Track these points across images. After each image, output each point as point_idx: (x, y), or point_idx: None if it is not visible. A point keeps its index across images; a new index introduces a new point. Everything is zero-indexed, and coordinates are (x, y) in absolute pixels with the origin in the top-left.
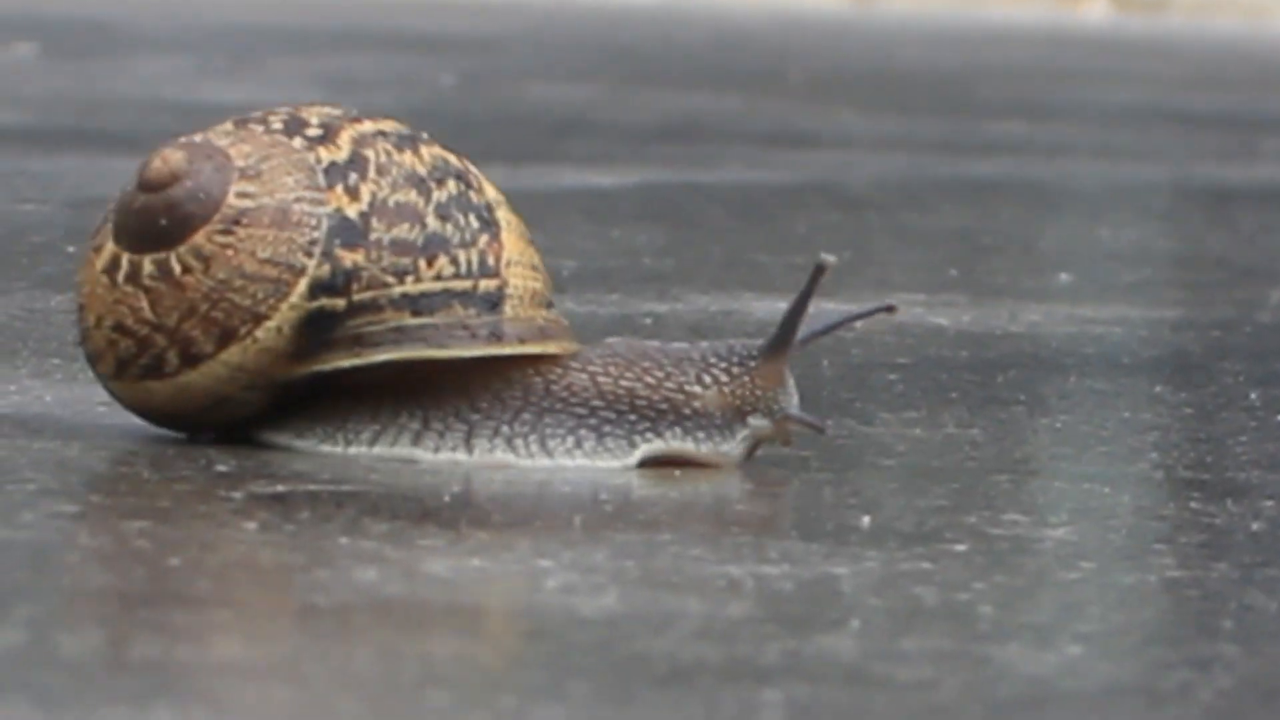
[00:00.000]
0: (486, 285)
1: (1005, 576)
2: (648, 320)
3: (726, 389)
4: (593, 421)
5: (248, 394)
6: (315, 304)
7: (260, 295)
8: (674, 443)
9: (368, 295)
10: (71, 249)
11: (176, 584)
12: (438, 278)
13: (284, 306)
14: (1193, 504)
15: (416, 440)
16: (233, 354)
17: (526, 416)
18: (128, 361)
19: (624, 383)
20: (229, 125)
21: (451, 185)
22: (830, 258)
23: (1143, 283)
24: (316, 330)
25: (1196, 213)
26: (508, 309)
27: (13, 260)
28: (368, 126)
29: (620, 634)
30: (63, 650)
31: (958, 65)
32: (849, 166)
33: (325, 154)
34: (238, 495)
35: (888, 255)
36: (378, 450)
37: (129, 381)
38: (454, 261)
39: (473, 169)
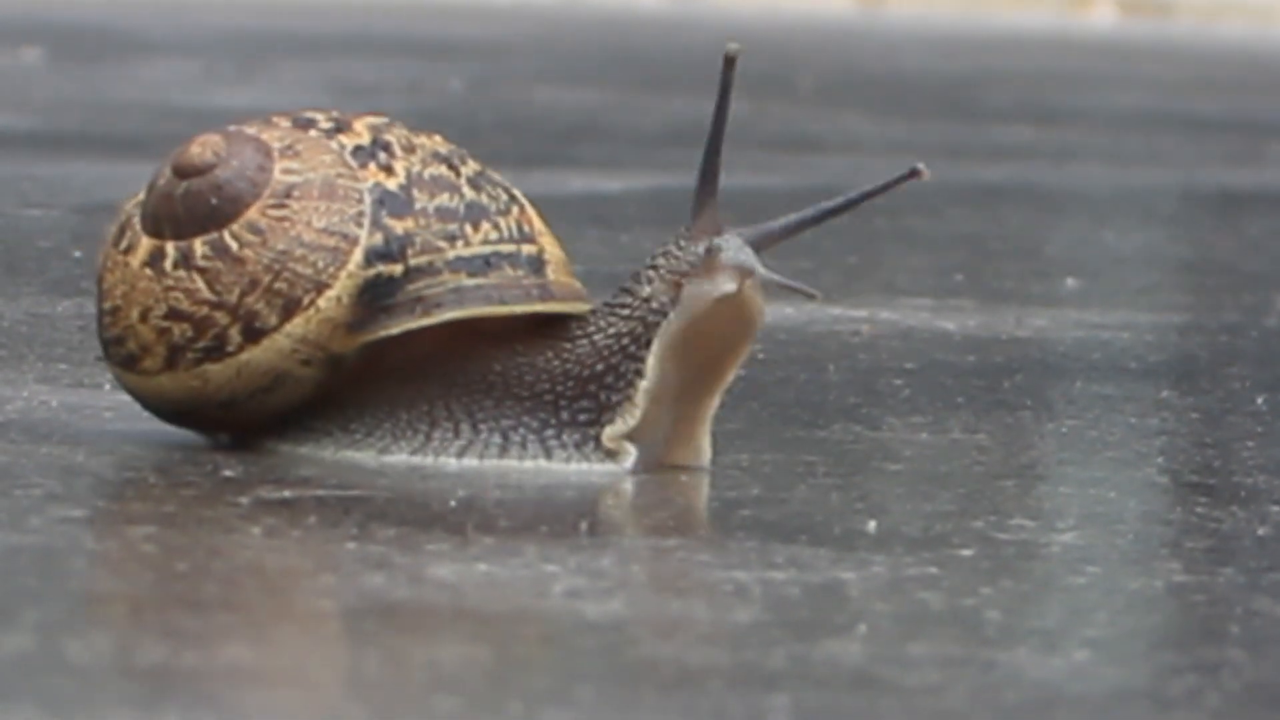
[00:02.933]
0: (528, 249)
1: (1012, 581)
2: None
3: (664, 271)
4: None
5: (304, 370)
6: (373, 271)
7: (320, 264)
8: (656, 347)
9: (424, 259)
10: (78, 254)
11: (183, 589)
12: (485, 241)
13: (343, 275)
14: (1199, 509)
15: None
16: (296, 325)
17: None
18: (183, 347)
19: (611, 330)
20: (243, 124)
21: (471, 164)
22: (735, 46)
23: (1149, 287)
24: (375, 297)
25: (1203, 217)
26: (549, 272)
27: (19, 265)
28: (375, 119)
29: (627, 639)
30: (70, 655)
31: (965, 70)
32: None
33: (346, 140)
34: (245, 500)
35: (895, 260)
36: (464, 460)
37: (182, 370)
38: (496, 227)
39: (478, 159)
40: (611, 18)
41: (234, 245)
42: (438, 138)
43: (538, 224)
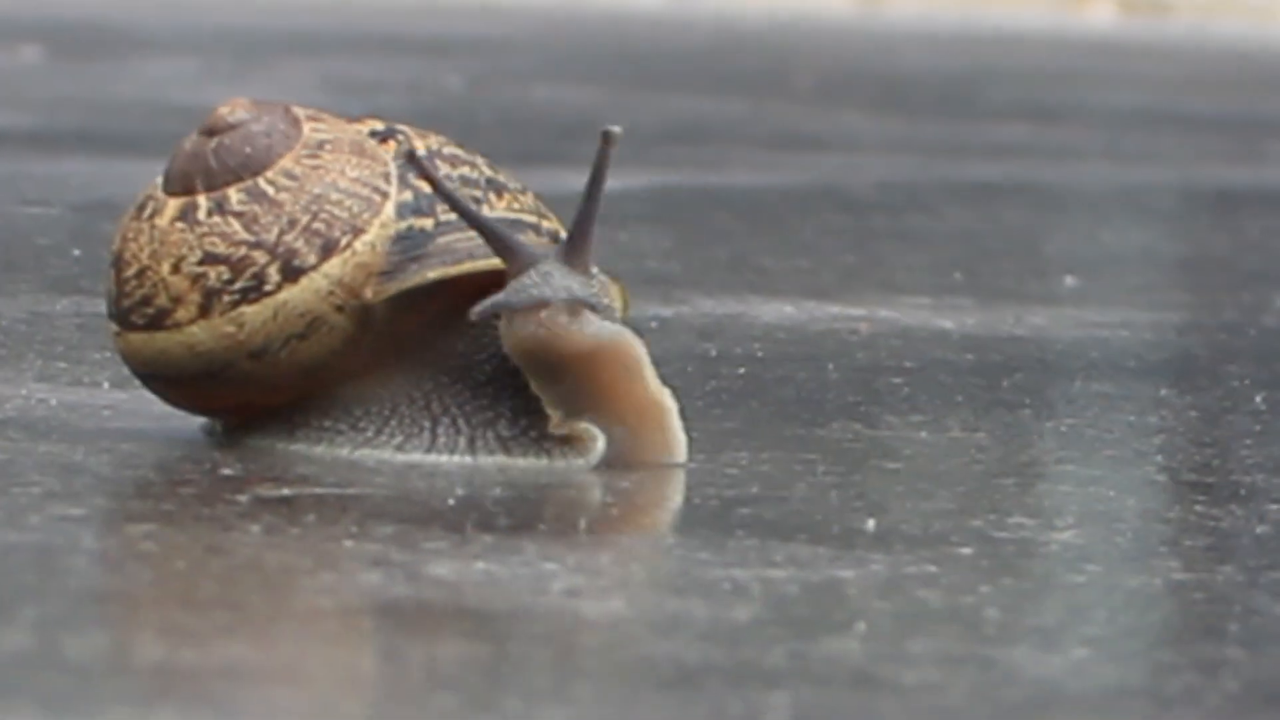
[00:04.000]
0: (548, 224)
1: (1011, 579)
2: (653, 324)
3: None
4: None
5: (337, 317)
6: (404, 223)
7: (356, 209)
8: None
9: (453, 215)
10: (77, 252)
11: (182, 587)
12: (509, 209)
13: (376, 224)
14: (1198, 507)
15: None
16: (334, 265)
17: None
18: (219, 291)
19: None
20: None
21: (480, 157)
22: (615, 129)
23: (1148, 286)
24: (407, 248)
25: (1202, 216)
26: None
27: (18, 263)
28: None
29: (626, 637)
30: (68, 653)
31: (963, 68)
32: (855, 169)
33: (362, 126)
34: (243, 498)
35: (893, 258)
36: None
37: (218, 315)
38: (517, 199)
39: None
40: (610, 16)
41: (270, 190)
42: (441, 138)
43: (544, 208)
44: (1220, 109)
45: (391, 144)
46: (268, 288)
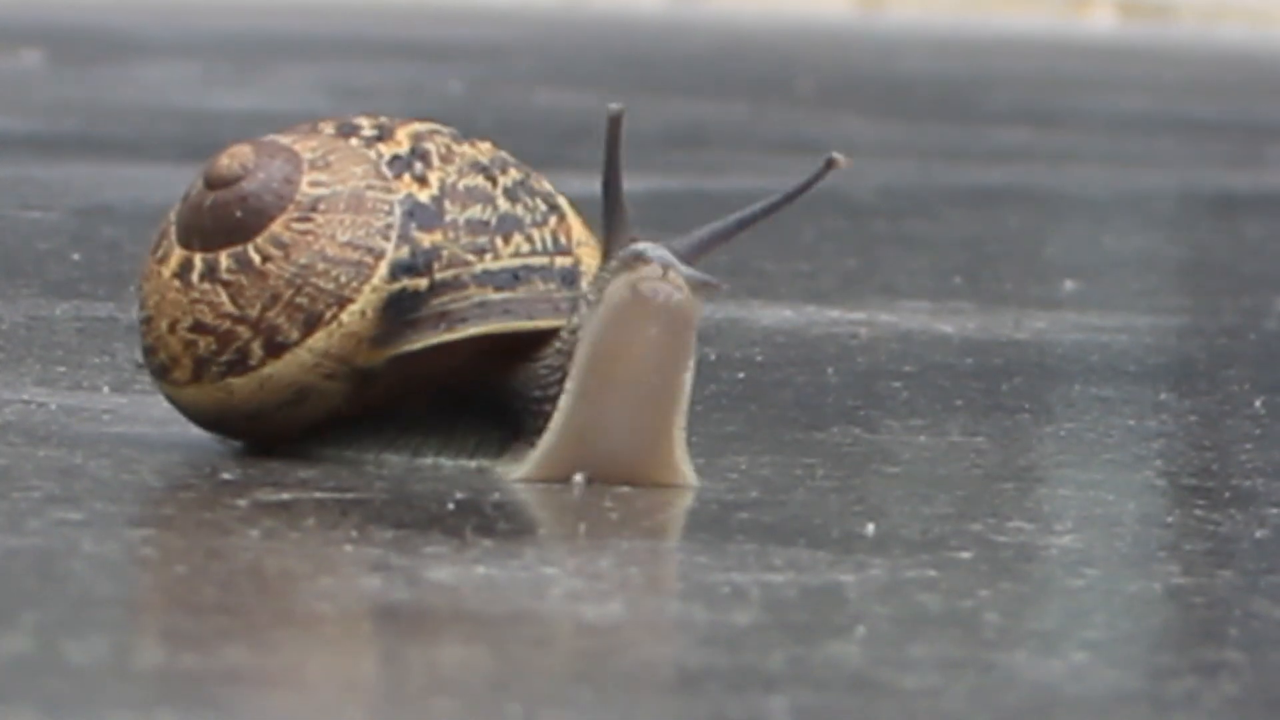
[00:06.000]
0: (562, 261)
1: (1011, 584)
2: None
3: (590, 296)
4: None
5: (329, 384)
6: (397, 285)
7: (343, 279)
8: (575, 366)
9: (450, 273)
10: (77, 256)
11: (182, 591)
12: (515, 254)
13: (366, 289)
14: (1197, 511)
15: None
16: (318, 340)
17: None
18: (207, 360)
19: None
20: (284, 132)
21: (513, 172)
22: (616, 106)
23: (1148, 290)
24: (400, 312)
25: (1202, 220)
26: (584, 285)
27: (19, 267)
28: (421, 126)
29: (626, 641)
30: (69, 657)
31: (964, 73)
32: (855, 174)
33: (385, 149)
34: (243, 503)
35: (893, 263)
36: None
37: (208, 383)
38: (529, 239)
39: (526, 166)
40: (611, 20)
41: (257, 259)
42: (484, 145)
43: (578, 234)
44: (1220, 113)
45: (406, 179)
46: (251, 362)
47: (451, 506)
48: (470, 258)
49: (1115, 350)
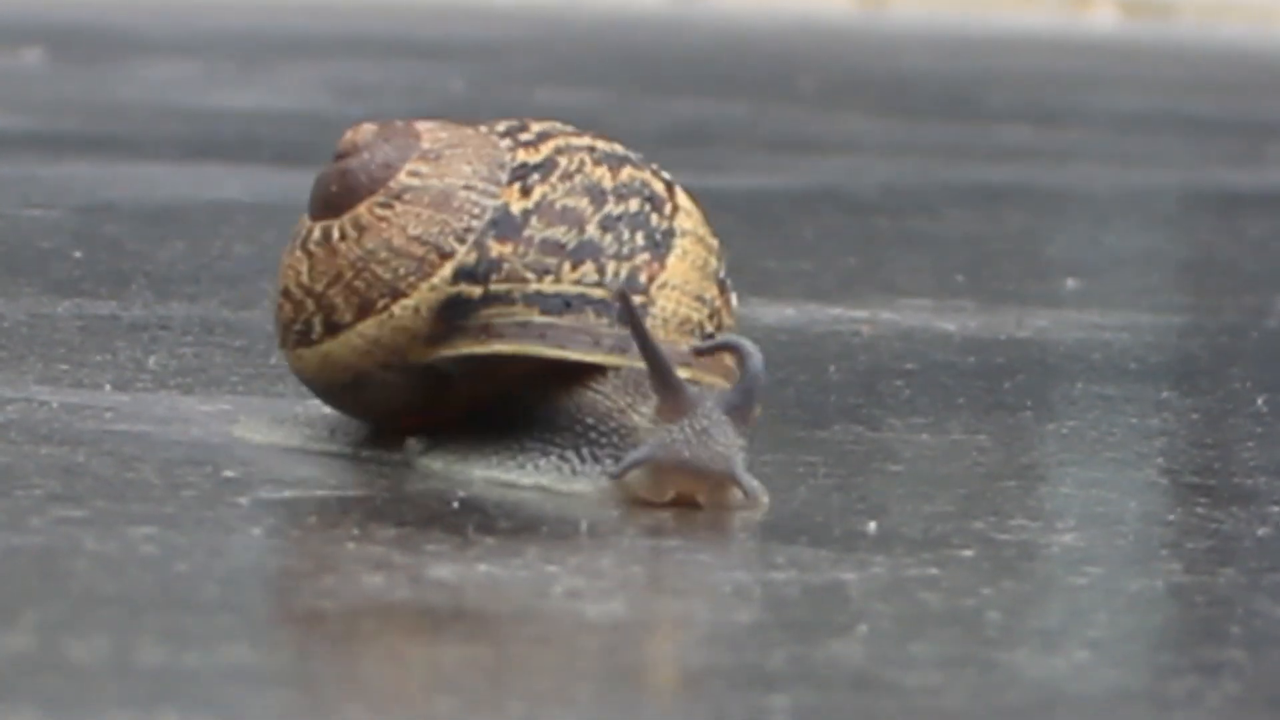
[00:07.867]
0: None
1: (1012, 582)
2: None
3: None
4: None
5: (385, 374)
6: (455, 289)
7: (401, 272)
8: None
9: (504, 287)
10: (79, 254)
11: (183, 589)
12: (577, 282)
13: (424, 286)
14: (1199, 509)
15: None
16: (369, 326)
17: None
18: (286, 327)
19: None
20: (449, 122)
21: (633, 203)
22: (619, 289)
23: (1150, 288)
24: (452, 315)
25: (1204, 218)
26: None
27: (20, 266)
28: (583, 140)
29: (627, 639)
30: (70, 655)
31: (966, 71)
32: (857, 172)
33: (522, 155)
34: (244, 501)
35: (895, 261)
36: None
37: (289, 349)
38: (600, 270)
39: (684, 202)
40: (612, 18)
41: (336, 236)
42: (625, 172)
43: (669, 276)
44: (1222, 111)
45: (515, 187)
46: (313, 336)
47: (453, 505)
48: (529, 276)
49: (1117, 348)
